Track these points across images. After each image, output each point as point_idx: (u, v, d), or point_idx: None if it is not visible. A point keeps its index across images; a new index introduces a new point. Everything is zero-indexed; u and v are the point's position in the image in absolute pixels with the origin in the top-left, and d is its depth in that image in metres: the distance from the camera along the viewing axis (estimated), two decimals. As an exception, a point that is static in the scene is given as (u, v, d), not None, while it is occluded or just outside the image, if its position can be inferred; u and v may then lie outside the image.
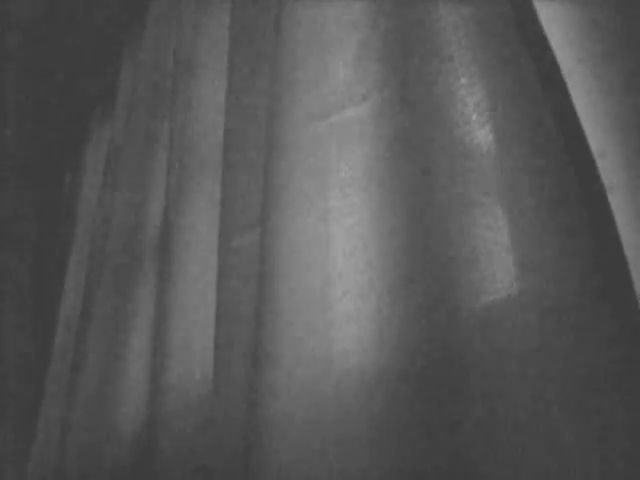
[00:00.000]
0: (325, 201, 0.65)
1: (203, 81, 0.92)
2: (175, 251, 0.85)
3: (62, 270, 1.26)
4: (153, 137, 1.04)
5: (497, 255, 0.54)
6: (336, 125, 0.67)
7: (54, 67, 1.38)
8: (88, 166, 1.34)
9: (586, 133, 0.55)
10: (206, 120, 0.89)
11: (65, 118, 1.42)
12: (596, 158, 0.54)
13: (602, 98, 0.59)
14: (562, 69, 0.57)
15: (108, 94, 1.28)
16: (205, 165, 0.87)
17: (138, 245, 0.98)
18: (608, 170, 0.56)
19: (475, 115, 0.57)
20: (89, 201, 1.28)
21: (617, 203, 0.55)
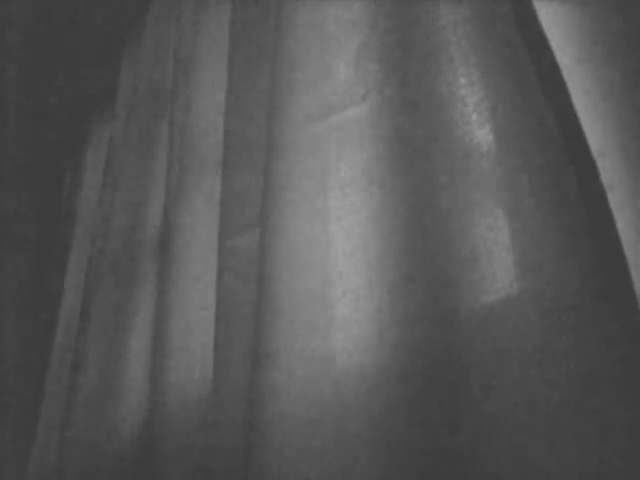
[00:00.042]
0: (325, 201, 0.65)
1: (203, 81, 0.92)
2: (175, 251, 0.85)
3: (62, 270, 1.26)
4: (153, 137, 1.04)
5: (497, 255, 0.54)
6: (336, 125, 0.67)
7: (54, 67, 1.38)
8: (88, 166, 1.34)
9: (586, 133, 0.55)
10: (206, 120, 0.89)
11: (65, 118, 1.42)
12: (596, 158, 0.54)
13: (602, 98, 0.59)
14: (562, 69, 0.57)
15: (108, 94, 1.28)
16: (205, 165, 0.87)
17: (138, 245, 0.98)
18: (608, 170, 0.56)
19: (475, 115, 0.57)
20: (89, 201, 1.28)
21: (617, 203, 0.55)
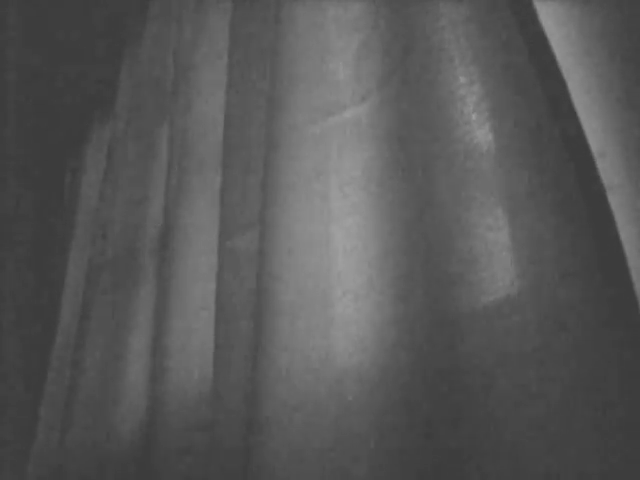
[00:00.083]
0: (325, 201, 0.65)
1: (203, 81, 0.92)
2: (175, 251, 0.85)
3: (62, 270, 1.26)
4: (153, 137, 1.04)
5: (497, 255, 0.54)
6: (336, 125, 0.67)
7: (54, 67, 1.38)
8: (88, 166, 1.34)
9: (586, 133, 0.55)
10: (206, 120, 0.89)
11: (65, 118, 1.42)
12: (596, 158, 0.54)
13: (602, 98, 0.59)
14: (562, 69, 0.57)
15: (108, 94, 1.28)
16: (205, 165, 0.87)
17: (138, 245, 0.98)
18: (608, 170, 0.56)
19: (475, 115, 0.57)
20: (89, 201, 1.28)
21: (617, 203, 0.55)
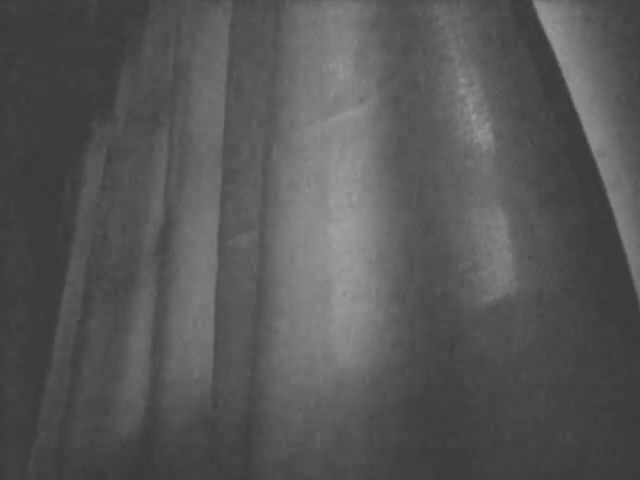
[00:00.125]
0: (325, 201, 0.65)
1: (203, 81, 0.92)
2: (175, 251, 0.85)
3: (62, 271, 1.26)
4: (153, 137, 1.04)
5: (497, 255, 0.54)
6: (336, 125, 0.67)
7: (54, 67, 1.38)
8: (88, 167, 1.34)
9: (586, 133, 0.55)
10: (206, 120, 0.89)
11: (65, 119, 1.42)
12: (596, 158, 0.54)
13: (602, 98, 0.59)
14: (562, 69, 0.57)
15: (108, 94, 1.28)
16: (205, 165, 0.87)
17: (138, 245, 0.98)
18: (608, 169, 0.56)
19: (475, 115, 0.57)
20: (89, 201, 1.28)
21: (617, 203, 0.55)
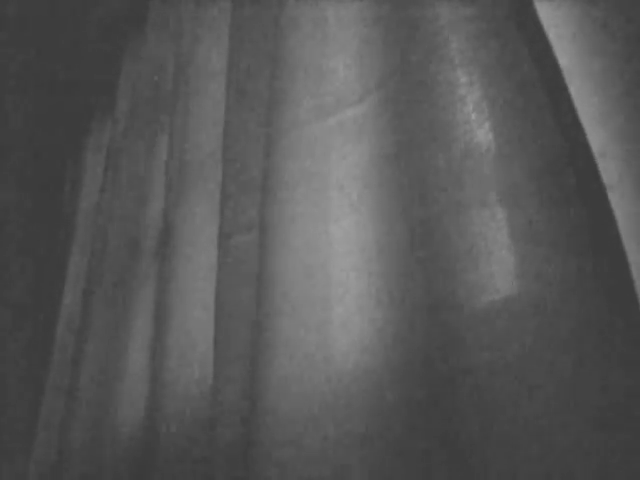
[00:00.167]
0: (325, 201, 0.65)
1: (203, 81, 0.92)
2: (175, 251, 0.85)
3: (62, 270, 1.26)
4: (153, 137, 1.04)
5: (497, 255, 0.54)
6: (336, 125, 0.67)
7: (54, 67, 1.38)
8: (88, 167, 1.34)
9: (586, 133, 0.55)
10: (206, 120, 0.89)
11: (65, 119, 1.42)
12: (597, 158, 0.54)
13: (602, 98, 0.59)
14: (562, 69, 0.57)
15: (108, 94, 1.28)
16: (205, 165, 0.87)
17: (138, 245, 0.98)
18: (608, 170, 0.56)
19: (475, 114, 0.57)
20: (89, 202, 1.28)
21: (617, 203, 0.55)
